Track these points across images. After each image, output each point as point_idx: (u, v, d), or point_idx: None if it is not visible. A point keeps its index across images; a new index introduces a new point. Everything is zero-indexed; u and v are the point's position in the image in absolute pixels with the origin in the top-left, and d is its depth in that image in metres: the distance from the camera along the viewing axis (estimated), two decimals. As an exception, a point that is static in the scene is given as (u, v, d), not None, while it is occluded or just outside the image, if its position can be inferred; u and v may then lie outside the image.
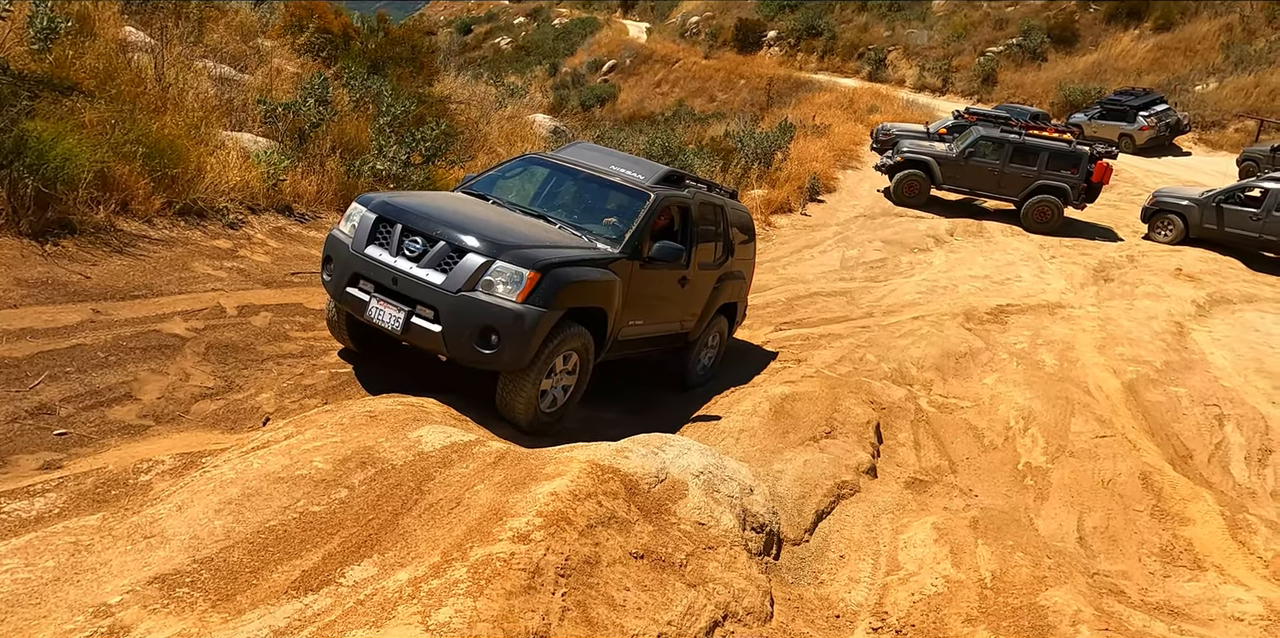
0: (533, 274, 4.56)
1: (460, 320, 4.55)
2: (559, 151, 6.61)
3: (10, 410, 3.95)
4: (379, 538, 3.16)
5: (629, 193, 5.82)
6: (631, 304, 5.46)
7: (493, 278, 4.56)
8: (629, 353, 5.99)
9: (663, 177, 6.07)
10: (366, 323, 4.86)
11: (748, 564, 3.74)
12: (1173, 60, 26.35)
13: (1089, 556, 4.92)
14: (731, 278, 6.99)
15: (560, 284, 4.67)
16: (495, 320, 4.51)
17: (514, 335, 4.51)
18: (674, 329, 6.36)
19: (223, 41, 10.78)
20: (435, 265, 4.67)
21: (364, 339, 5.60)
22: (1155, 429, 6.92)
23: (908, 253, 13.05)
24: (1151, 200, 14.91)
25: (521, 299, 4.54)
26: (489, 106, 15.10)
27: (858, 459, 5.33)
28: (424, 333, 4.65)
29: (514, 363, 4.66)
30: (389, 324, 4.72)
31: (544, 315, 4.59)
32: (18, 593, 2.64)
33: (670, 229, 6.02)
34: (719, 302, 6.80)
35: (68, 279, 5.29)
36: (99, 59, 7.63)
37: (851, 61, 34.38)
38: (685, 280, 6.15)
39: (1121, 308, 10.45)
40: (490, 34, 55.49)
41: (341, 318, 5.43)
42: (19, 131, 5.59)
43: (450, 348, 4.64)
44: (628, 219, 5.58)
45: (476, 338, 4.54)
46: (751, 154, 15.80)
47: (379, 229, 4.90)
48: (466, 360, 4.74)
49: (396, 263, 4.75)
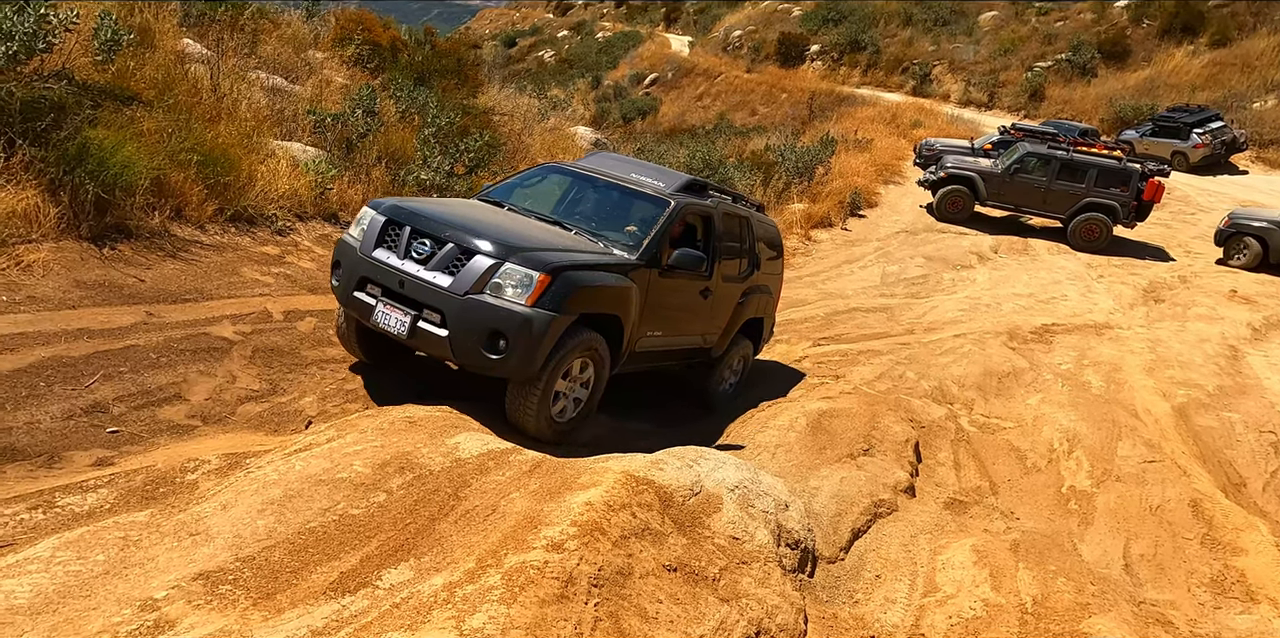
0: (543, 277, 4.37)
1: (467, 324, 4.38)
2: (580, 160, 6.47)
3: (67, 408, 4.08)
4: (415, 542, 3.19)
5: (648, 200, 5.64)
6: (650, 314, 5.29)
7: (501, 280, 4.38)
8: (648, 366, 5.80)
9: (684, 185, 5.89)
10: (374, 328, 4.71)
11: (781, 581, 3.70)
12: (1229, 76, 25.69)
13: (1135, 584, 4.78)
14: (757, 292, 6.79)
15: (572, 288, 4.49)
16: (503, 324, 4.33)
17: (522, 340, 4.33)
18: (696, 343, 6.16)
19: (275, 53, 11.08)
20: (443, 268, 4.51)
21: (375, 350, 5.44)
22: (1207, 455, 6.71)
23: (950, 270, 12.87)
24: (1227, 222, 14.04)
25: (531, 303, 4.35)
26: (531, 119, 15.27)
27: (896, 478, 5.25)
28: (431, 338, 4.48)
29: (522, 369, 4.47)
30: (395, 329, 4.55)
31: (554, 320, 4.40)
32: (69, 585, 2.72)
33: (691, 239, 5.84)
34: (744, 316, 6.61)
35: (123, 282, 5.46)
36: (158, 70, 7.89)
37: (895, 76, 34.14)
38: (708, 292, 5.96)
39: (1172, 329, 10.18)
40: (534, 47, 56.32)
41: (351, 327, 5.28)
42: (82, 139, 5.79)
43: (457, 353, 4.48)
44: (646, 226, 5.39)
45: (484, 342, 4.37)
46: (792, 168, 15.75)
47: (387, 232, 4.77)
48: (474, 366, 4.59)
49: (404, 266, 4.60)
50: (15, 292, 4.86)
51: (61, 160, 5.59)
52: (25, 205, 5.37)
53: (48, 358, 4.37)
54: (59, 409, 4.05)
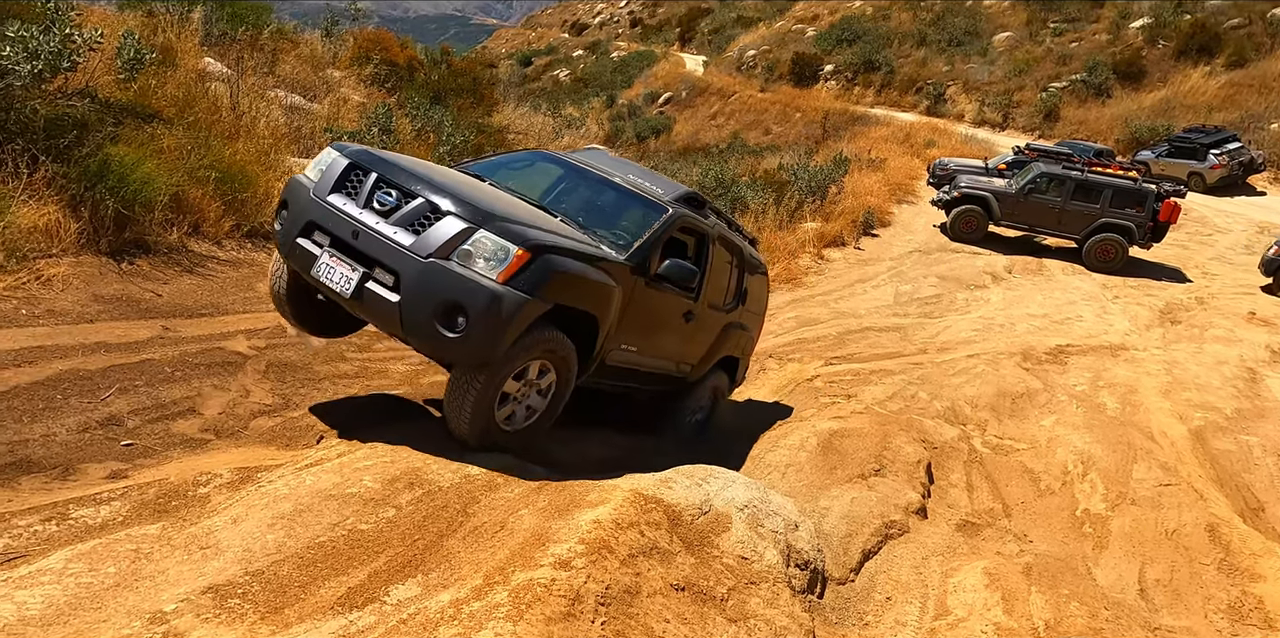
0: (521, 252, 3.82)
1: (424, 292, 3.79)
2: (574, 152, 6.02)
3: (83, 421, 4.12)
4: (423, 558, 3.19)
5: (645, 204, 5.18)
6: (628, 325, 4.79)
7: (473, 248, 3.82)
8: (616, 384, 5.31)
9: (684, 195, 5.46)
10: (312, 283, 4.11)
11: (790, 602, 3.67)
12: (1246, 97, 25.63)
13: (1150, 609, 4.71)
14: (738, 328, 6.35)
15: (552, 271, 3.94)
16: (466, 298, 3.74)
17: (485, 320, 3.74)
18: (669, 368, 5.68)
19: (294, 72, 11.28)
20: (407, 224, 3.92)
21: (309, 315, 4.83)
22: (1224, 479, 6.62)
23: (963, 289, 12.83)
24: (1277, 250, 13.51)
25: (503, 280, 3.78)
26: (546, 137, 15.44)
27: (907, 499, 5.21)
28: (378, 302, 3.88)
29: (477, 354, 3.88)
30: (338, 286, 3.95)
31: (526, 304, 3.82)
32: (81, 597, 2.73)
33: (683, 256, 5.42)
34: (722, 351, 6.21)
35: (141, 296, 5.53)
36: (179, 88, 8.04)
37: (909, 96, 34.28)
38: (691, 315, 5.51)
39: (1189, 352, 10.09)
40: (550, 66, 56.95)
41: (286, 285, 4.63)
42: (103, 156, 5.91)
43: (406, 325, 3.86)
44: (639, 230, 4.92)
45: (440, 316, 3.78)
46: (805, 187, 15.80)
47: (349, 176, 4.20)
48: (422, 343, 4.03)
49: (362, 215, 4.01)
50: (35, 305, 4.94)
51: (83, 176, 5.70)
52: (47, 220, 5.47)
53: (65, 371, 4.43)
54: (75, 422, 4.09)
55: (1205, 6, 29.97)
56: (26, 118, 5.75)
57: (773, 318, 10.39)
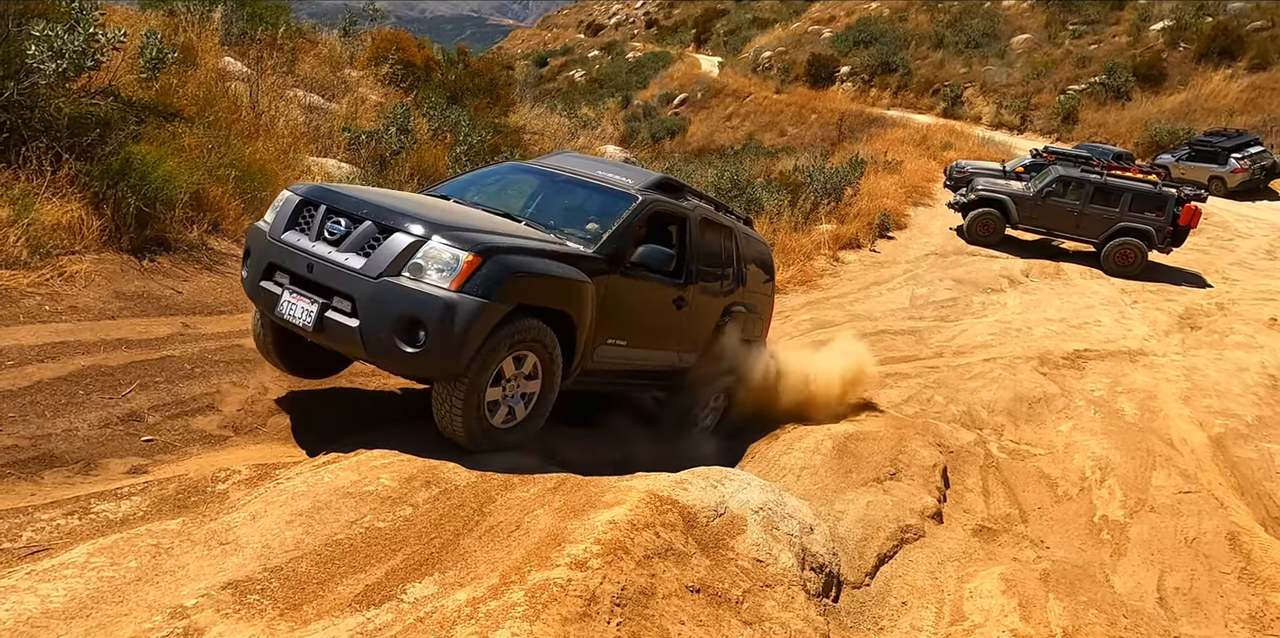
0: (471, 257, 3.79)
1: (380, 311, 3.77)
2: (543, 157, 6.00)
3: (104, 416, 4.16)
4: (440, 557, 3.20)
5: (611, 194, 5.11)
6: (611, 319, 4.71)
7: (422, 261, 3.80)
8: (615, 383, 5.23)
9: (655, 182, 5.36)
10: (279, 322, 4.12)
11: (805, 605, 3.65)
12: (1269, 101, 25.35)
13: (1170, 618, 4.66)
14: (742, 310, 6.14)
15: (507, 272, 3.90)
16: (421, 311, 3.73)
17: (444, 331, 3.72)
18: (669, 361, 5.56)
19: (313, 72, 11.35)
20: (357, 248, 3.93)
21: (295, 359, 4.83)
22: (1245, 487, 6.55)
23: (980, 293, 12.75)
24: None
25: (456, 287, 3.76)
26: (562, 137, 15.47)
27: (923, 503, 5.18)
28: (339, 329, 3.87)
29: (445, 365, 3.86)
30: (300, 320, 3.95)
31: (484, 308, 3.79)
32: (103, 591, 2.76)
33: (663, 243, 5.27)
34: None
35: (161, 293, 5.58)
36: (200, 87, 8.12)
37: (926, 98, 34.12)
38: (683, 301, 5.39)
39: (1209, 358, 9.98)
40: (565, 67, 57.02)
41: (267, 330, 4.63)
42: (125, 154, 5.97)
43: (369, 346, 3.84)
44: (608, 221, 4.86)
45: (400, 332, 3.76)
46: (821, 189, 15.75)
47: (301, 212, 4.21)
48: (388, 362, 4.04)
49: (314, 247, 4.03)
50: (58, 301, 4.99)
51: (105, 174, 5.76)
52: (70, 218, 5.52)
53: (87, 367, 4.47)
54: (96, 417, 4.13)
55: (1227, 9, 29.66)
56: (51, 116, 5.81)
57: (788, 320, 10.36)
